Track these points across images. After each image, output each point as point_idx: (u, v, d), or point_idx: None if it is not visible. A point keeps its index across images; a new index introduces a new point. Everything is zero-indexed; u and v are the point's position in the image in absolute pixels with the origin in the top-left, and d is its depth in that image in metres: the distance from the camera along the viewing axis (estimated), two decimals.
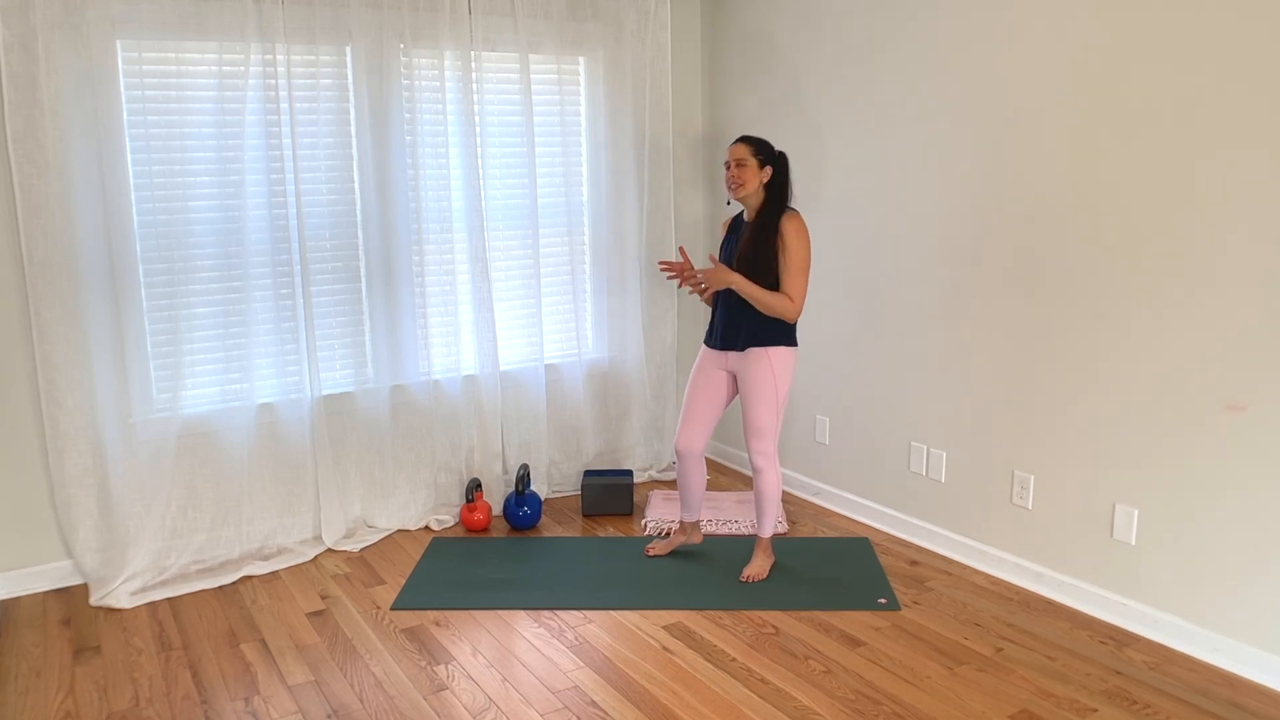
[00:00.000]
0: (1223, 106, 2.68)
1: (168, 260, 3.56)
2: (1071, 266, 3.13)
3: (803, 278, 3.26)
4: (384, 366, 3.99)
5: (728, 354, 3.43)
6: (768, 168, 3.31)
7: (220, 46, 3.51)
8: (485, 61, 4.06)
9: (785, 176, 3.34)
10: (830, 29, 3.93)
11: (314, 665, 2.96)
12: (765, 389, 3.33)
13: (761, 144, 3.32)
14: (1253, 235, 2.66)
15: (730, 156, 3.32)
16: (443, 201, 4.02)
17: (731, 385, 3.50)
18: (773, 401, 3.34)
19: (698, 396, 3.50)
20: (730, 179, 3.32)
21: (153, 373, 3.60)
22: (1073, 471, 3.22)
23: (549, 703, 2.73)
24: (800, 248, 3.25)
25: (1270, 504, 2.70)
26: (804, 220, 3.29)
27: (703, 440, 3.52)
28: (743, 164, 3.29)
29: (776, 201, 3.31)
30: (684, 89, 4.68)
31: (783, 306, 3.25)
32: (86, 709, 2.74)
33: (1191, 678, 2.80)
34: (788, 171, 3.35)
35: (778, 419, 3.38)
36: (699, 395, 3.49)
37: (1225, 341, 2.75)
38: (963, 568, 3.59)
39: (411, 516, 4.11)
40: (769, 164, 3.31)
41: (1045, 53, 3.12)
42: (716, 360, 3.47)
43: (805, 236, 3.27)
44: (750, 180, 3.29)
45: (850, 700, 2.71)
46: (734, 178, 3.30)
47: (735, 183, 3.30)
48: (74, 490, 3.45)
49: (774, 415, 3.36)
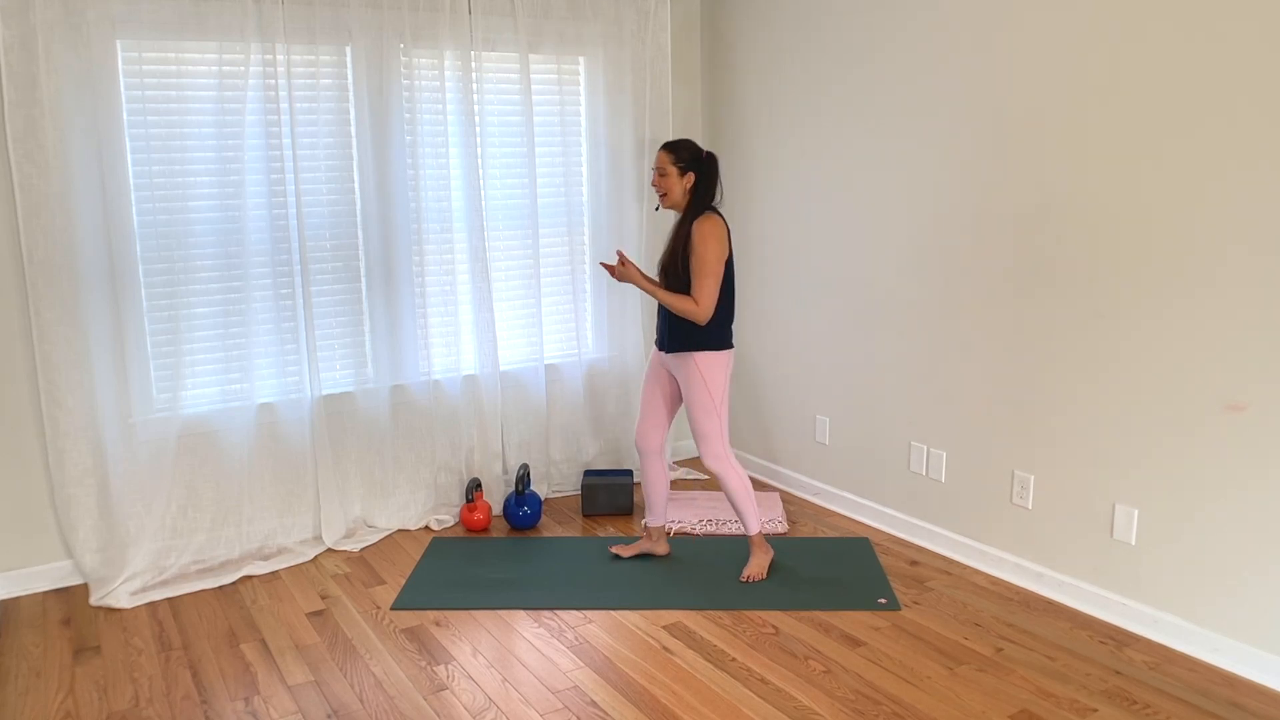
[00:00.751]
0: (1223, 107, 2.68)
1: (168, 260, 3.56)
2: (1072, 267, 3.13)
3: (708, 280, 3.23)
4: (384, 366, 3.99)
5: (664, 355, 3.48)
6: (690, 174, 3.30)
7: (220, 46, 3.51)
8: (485, 61, 4.06)
9: (709, 180, 3.32)
10: (831, 29, 3.93)
11: (314, 665, 2.96)
12: (698, 394, 3.35)
13: (682, 150, 3.30)
14: (1253, 235, 2.66)
15: (654, 164, 3.34)
16: (443, 201, 4.02)
17: (677, 387, 3.54)
18: (707, 406, 3.35)
19: (647, 392, 3.57)
20: (655, 186, 3.35)
21: (153, 373, 3.60)
22: (1073, 471, 3.22)
23: (549, 703, 2.73)
24: (706, 250, 3.22)
25: (1270, 504, 2.70)
26: (720, 222, 3.26)
27: (657, 435, 3.56)
28: (663, 172, 3.31)
29: (694, 207, 3.32)
30: (684, 89, 4.68)
31: (687, 309, 3.25)
32: (86, 709, 2.74)
33: (1191, 678, 2.80)
34: (712, 174, 3.33)
35: (717, 421, 3.37)
36: (648, 391, 3.57)
37: (1225, 342, 2.75)
38: (963, 568, 3.59)
39: (411, 516, 4.11)
40: (690, 170, 3.30)
41: (1046, 54, 3.12)
42: (660, 359, 3.53)
43: (714, 239, 3.23)
44: (672, 188, 3.31)
45: (850, 700, 2.71)
46: (657, 185, 3.34)
47: (659, 190, 3.34)
48: (74, 490, 3.45)
49: (712, 418, 3.36)
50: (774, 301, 4.43)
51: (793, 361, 4.38)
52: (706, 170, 3.31)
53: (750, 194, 4.48)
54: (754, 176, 4.44)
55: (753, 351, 4.62)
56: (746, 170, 4.48)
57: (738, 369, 4.73)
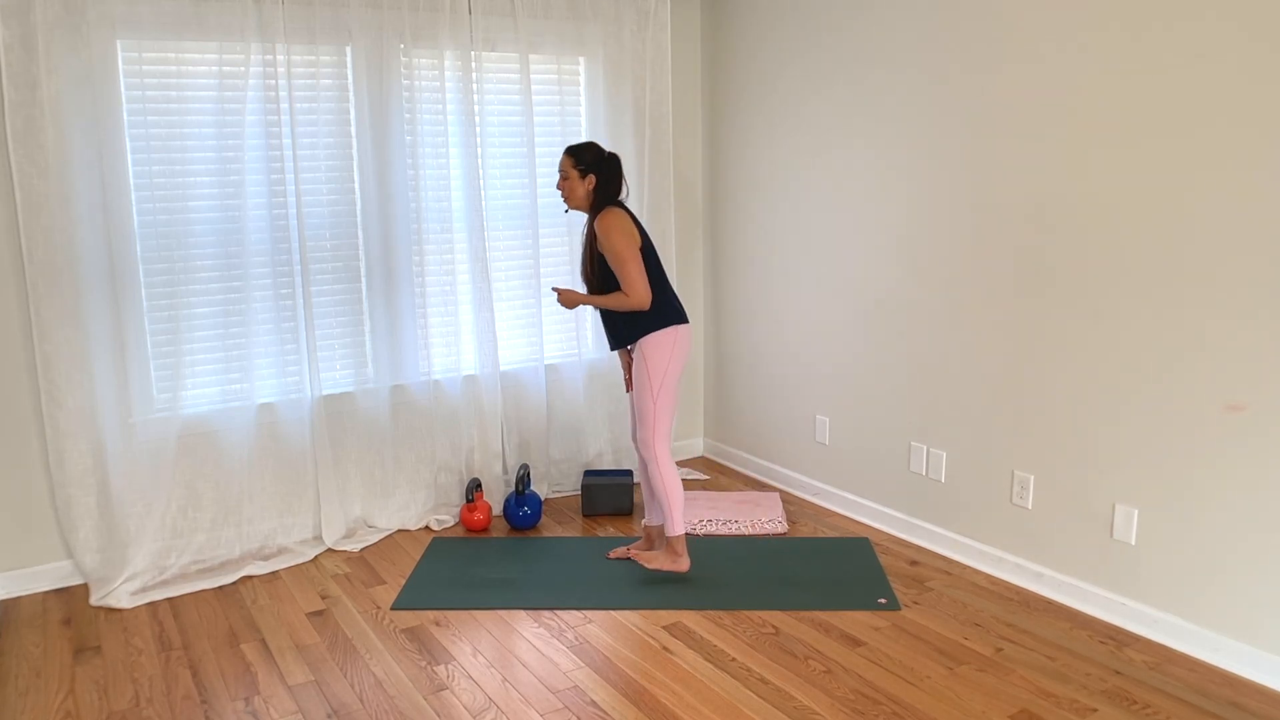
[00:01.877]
0: (1221, 108, 2.68)
1: (168, 260, 3.56)
2: (1071, 267, 3.13)
3: (629, 267, 3.25)
4: (384, 366, 3.99)
5: (620, 353, 3.57)
6: (590, 176, 3.34)
7: (220, 46, 3.51)
8: (485, 61, 4.06)
9: (610, 180, 3.36)
10: (831, 30, 3.93)
11: (314, 665, 2.96)
12: (640, 379, 3.37)
13: (584, 154, 3.35)
14: (1253, 235, 2.66)
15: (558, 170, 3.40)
16: (443, 201, 4.02)
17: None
18: (644, 388, 3.35)
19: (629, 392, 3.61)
20: (559, 189, 3.41)
21: (153, 373, 3.60)
22: (1073, 471, 3.22)
23: (549, 703, 2.73)
24: (614, 242, 3.25)
25: (1270, 504, 2.70)
26: (618, 211, 3.29)
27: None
28: (565, 176, 3.37)
29: (596, 206, 3.36)
30: (684, 89, 4.68)
31: (625, 303, 3.28)
32: (87, 709, 2.74)
33: (1191, 678, 2.80)
34: (613, 174, 3.36)
35: (652, 404, 3.34)
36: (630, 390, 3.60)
37: (1225, 342, 2.76)
38: (963, 568, 3.59)
39: (411, 516, 4.11)
40: (591, 172, 3.34)
41: (1045, 58, 3.12)
42: (624, 359, 3.62)
43: (616, 230, 3.25)
44: (574, 191, 3.37)
45: (850, 700, 2.71)
46: (560, 188, 3.40)
47: (562, 194, 3.41)
48: (74, 490, 3.45)
49: (646, 401, 3.34)
50: (774, 301, 4.43)
51: (793, 361, 4.38)
52: (607, 171, 3.35)
53: (750, 194, 4.48)
54: (754, 176, 4.44)
55: (753, 351, 4.62)
56: (746, 170, 4.48)
57: (738, 367, 4.73)
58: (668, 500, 3.39)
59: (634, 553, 3.55)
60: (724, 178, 4.64)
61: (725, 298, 4.75)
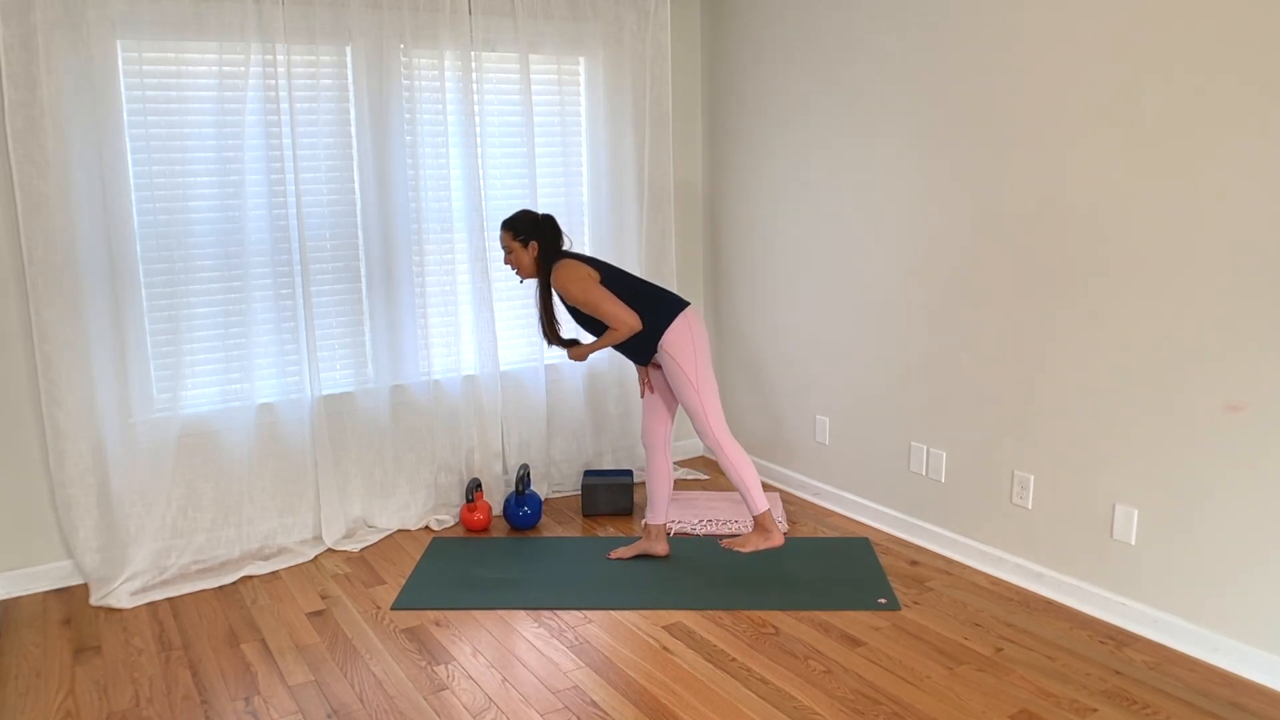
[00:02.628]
0: (1220, 107, 2.68)
1: (168, 260, 3.56)
2: (1071, 267, 3.13)
3: (605, 305, 3.30)
4: (384, 366, 3.99)
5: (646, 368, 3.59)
6: (532, 243, 3.40)
7: (220, 46, 3.51)
8: (485, 62, 4.06)
9: (551, 240, 3.41)
10: (832, 30, 3.93)
11: (314, 665, 2.96)
12: (674, 374, 3.38)
13: (520, 224, 3.41)
14: (1252, 235, 2.66)
15: (501, 245, 3.45)
16: (443, 201, 4.02)
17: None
18: (685, 381, 3.36)
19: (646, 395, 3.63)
20: (508, 264, 3.46)
21: (153, 373, 3.60)
22: (1073, 471, 3.22)
23: (549, 703, 2.73)
24: (575, 293, 3.32)
25: (1270, 504, 2.70)
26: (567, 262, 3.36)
27: (660, 429, 3.60)
28: (510, 250, 3.42)
29: (545, 265, 3.40)
30: (684, 89, 4.68)
31: (620, 336, 3.34)
32: (87, 709, 2.74)
33: (1191, 678, 2.80)
34: (552, 234, 3.41)
35: (696, 395, 3.35)
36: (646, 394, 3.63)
37: (1224, 341, 2.76)
38: (963, 568, 3.59)
39: (411, 516, 4.11)
40: (531, 239, 3.40)
41: (1043, 59, 3.12)
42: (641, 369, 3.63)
43: (571, 280, 3.32)
44: (524, 263, 3.43)
45: (850, 700, 2.71)
46: (510, 263, 3.45)
47: (513, 268, 3.45)
48: (74, 490, 3.45)
49: (690, 393, 3.36)
50: (774, 301, 4.43)
51: (793, 361, 4.38)
52: (545, 232, 3.41)
53: (750, 195, 4.48)
54: (754, 177, 4.44)
55: (754, 351, 4.62)
56: (747, 170, 4.48)
57: (739, 367, 4.73)
58: (744, 481, 3.36)
59: (727, 543, 3.40)
60: (724, 178, 4.64)
61: (725, 297, 4.75)
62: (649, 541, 3.69)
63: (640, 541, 3.71)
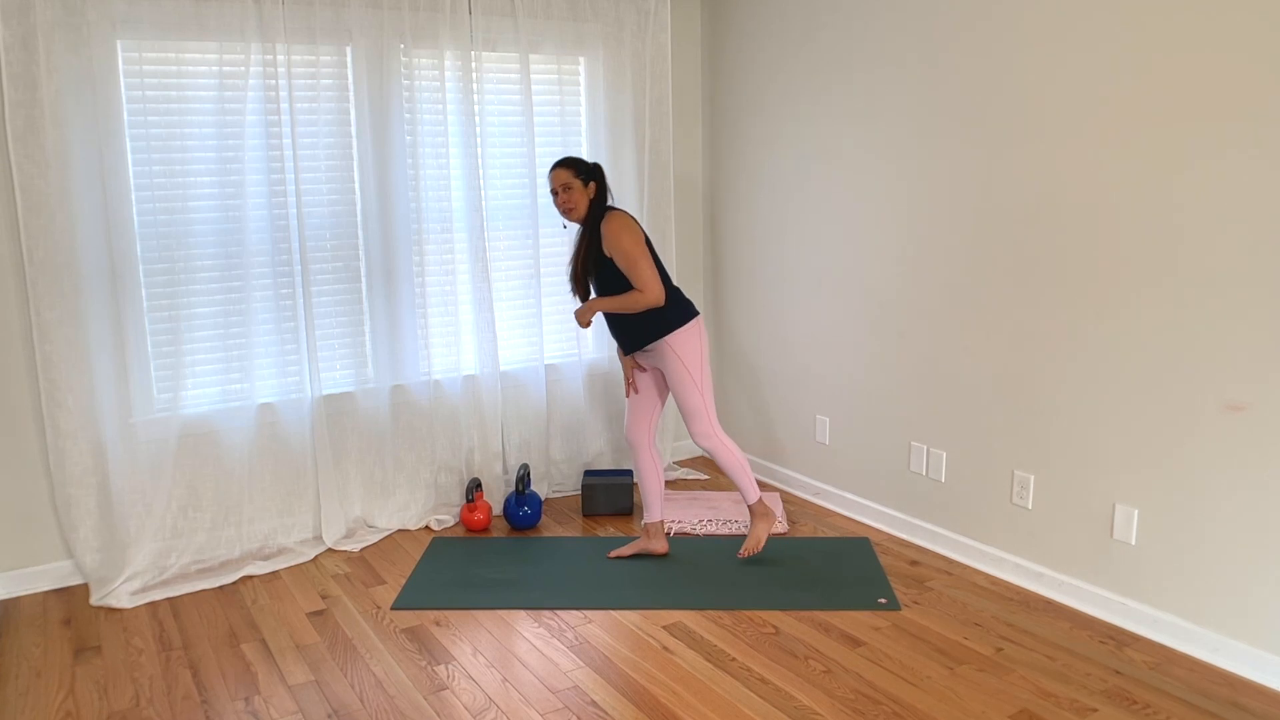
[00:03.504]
0: (1223, 108, 2.68)
1: (168, 260, 3.56)
2: (1071, 267, 3.13)
3: (641, 264, 3.29)
4: (384, 366, 3.99)
5: (636, 356, 3.56)
6: (591, 184, 3.40)
7: (220, 46, 3.51)
8: (485, 61, 4.06)
9: (603, 185, 3.43)
10: (831, 31, 3.93)
11: (314, 665, 2.96)
12: (677, 373, 3.42)
13: (580, 163, 3.41)
14: (1252, 234, 2.66)
15: (554, 183, 3.40)
16: (443, 201, 4.02)
17: (658, 375, 3.60)
18: (687, 382, 3.42)
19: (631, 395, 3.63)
20: (560, 205, 3.40)
21: (153, 373, 3.60)
22: (1073, 471, 3.22)
23: (549, 703, 2.73)
24: (623, 242, 3.29)
25: (1270, 503, 2.70)
26: (621, 213, 3.36)
27: (644, 427, 3.62)
28: (569, 187, 3.38)
29: (596, 211, 3.40)
30: (684, 89, 4.68)
31: (639, 301, 3.32)
32: (87, 709, 2.74)
33: (1191, 678, 2.80)
34: (604, 179, 3.43)
35: (699, 396, 3.43)
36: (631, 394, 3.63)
37: (1225, 341, 2.76)
38: (963, 568, 3.59)
39: (411, 516, 4.11)
40: (591, 179, 3.40)
41: (1041, 57, 3.12)
42: (633, 360, 3.60)
43: (626, 229, 3.31)
44: (580, 202, 3.39)
45: (850, 700, 2.71)
46: (564, 203, 3.39)
47: (566, 207, 3.40)
48: (74, 490, 3.45)
49: (693, 394, 3.43)
50: (774, 301, 4.43)
51: (793, 361, 4.38)
52: (602, 177, 3.43)
53: (750, 194, 4.48)
54: (754, 177, 4.44)
55: (754, 351, 4.62)
56: (747, 170, 4.48)
57: (738, 367, 4.73)
58: (746, 474, 3.49)
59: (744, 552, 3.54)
60: (724, 178, 4.64)
61: (725, 297, 4.75)
62: (648, 540, 3.69)
63: (639, 540, 3.71)
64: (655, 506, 3.66)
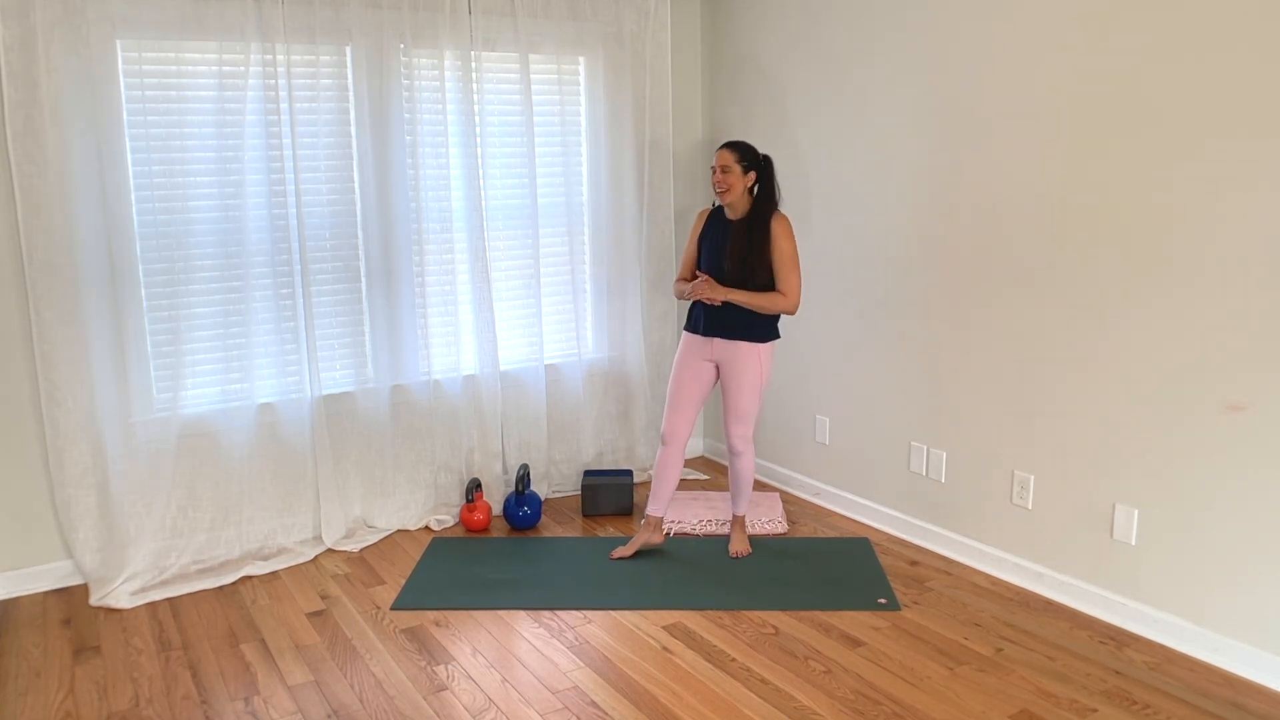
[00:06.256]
0: (1224, 108, 2.68)
1: (168, 260, 3.56)
2: (1071, 267, 3.13)
3: (797, 272, 3.42)
4: (384, 366, 3.99)
5: (713, 341, 3.55)
6: (752, 173, 3.43)
7: (220, 46, 3.51)
8: (485, 61, 4.06)
9: (771, 179, 3.47)
10: (831, 30, 3.93)
11: (314, 665, 2.96)
12: (753, 379, 3.51)
13: (746, 150, 3.43)
14: (1252, 234, 2.66)
15: (716, 162, 3.44)
16: (443, 201, 4.02)
17: (715, 373, 3.62)
18: (757, 389, 3.54)
19: (685, 384, 3.61)
20: (716, 184, 3.44)
21: (153, 373, 3.60)
22: (1073, 471, 3.22)
23: (549, 703, 2.73)
24: (791, 246, 3.41)
25: (1270, 504, 2.70)
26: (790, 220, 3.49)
27: (688, 427, 3.64)
28: (728, 170, 3.41)
29: (765, 204, 3.44)
30: (684, 89, 4.68)
31: (782, 305, 3.42)
32: (86, 709, 2.74)
33: (1191, 678, 2.80)
34: (773, 174, 3.47)
35: (758, 405, 3.57)
36: (686, 383, 3.61)
37: (1225, 341, 2.75)
38: (963, 568, 3.59)
39: (411, 516, 4.11)
40: (753, 169, 3.43)
41: (1037, 56, 3.12)
42: (701, 350, 3.58)
43: (792, 234, 3.43)
44: (735, 185, 3.42)
45: (850, 700, 2.71)
46: (720, 183, 3.43)
47: (721, 187, 3.43)
48: (74, 490, 3.45)
49: (758, 402, 3.56)
50: None
51: (792, 361, 4.38)
52: (766, 171, 3.45)
53: None
54: None
55: None
56: None
57: None
58: (750, 485, 3.71)
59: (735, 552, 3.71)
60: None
61: None
62: (648, 532, 3.70)
63: (639, 534, 3.71)
64: (664, 502, 3.68)
